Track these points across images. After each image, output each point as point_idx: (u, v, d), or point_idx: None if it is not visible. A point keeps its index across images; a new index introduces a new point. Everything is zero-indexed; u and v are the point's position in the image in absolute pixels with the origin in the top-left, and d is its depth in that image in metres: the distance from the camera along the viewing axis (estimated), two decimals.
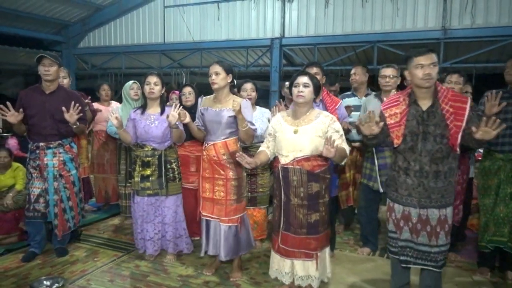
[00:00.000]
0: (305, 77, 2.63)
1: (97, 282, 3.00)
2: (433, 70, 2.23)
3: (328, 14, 7.27)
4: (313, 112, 2.68)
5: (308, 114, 2.66)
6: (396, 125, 2.38)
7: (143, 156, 3.32)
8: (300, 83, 2.61)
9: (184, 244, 3.46)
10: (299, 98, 2.61)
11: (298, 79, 2.64)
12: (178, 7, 8.15)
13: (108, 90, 4.73)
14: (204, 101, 3.10)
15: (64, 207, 3.37)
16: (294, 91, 2.64)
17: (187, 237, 3.47)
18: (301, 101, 2.62)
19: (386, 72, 3.37)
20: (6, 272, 3.14)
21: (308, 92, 2.61)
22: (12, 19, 8.06)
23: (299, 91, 2.60)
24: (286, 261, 2.73)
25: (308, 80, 2.62)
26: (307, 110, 2.67)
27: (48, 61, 3.22)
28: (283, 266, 2.75)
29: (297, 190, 2.62)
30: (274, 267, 2.83)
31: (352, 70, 4.06)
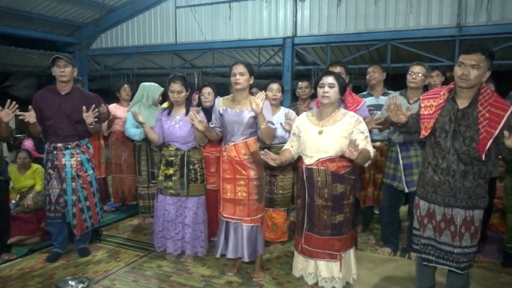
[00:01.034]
0: (330, 77, 2.61)
1: (121, 282, 3.02)
2: (473, 71, 2.16)
3: (340, 12, 7.23)
4: (338, 112, 2.66)
5: (333, 115, 2.64)
6: (428, 117, 2.36)
7: (167, 155, 3.37)
8: (326, 83, 2.59)
9: (199, 247, 3.45)
10: (325, 98, 2.59)
11: (323, 79, 2.61)
12: (190, 7, 8.15)
13: (129, 91, 4.74)
14: (222, 102, 3.08)
15: (82, 207, 3.40)
16: (319, 92, 2.62)
17: (203, 240, 3.45)
18: (326, 102, 2.60)
19: (414, 69, 3.35)
20: (31, 272, 3.18)
21: (333, 93, 2.58)
22: (25, 21, 8.12)
23: (324, 91, 2.58)
24: (309, 262, 2.73)
25: (334, 80, 2.59)
26: (332, 111, 2.65)
27: (63, 62, 3.24)
28: (307, 266, 2.75)
29: (321, 191, 2.61)
30: (298, 266, 2.83)
31: (369, 68, 4.03)
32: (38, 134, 3.42)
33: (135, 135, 4.06)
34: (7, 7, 7.41)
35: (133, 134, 4.05)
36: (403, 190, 3.38)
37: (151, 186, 4.22)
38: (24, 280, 3.03)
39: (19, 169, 4.40)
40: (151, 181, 4.21)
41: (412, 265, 3.33)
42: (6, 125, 3.22)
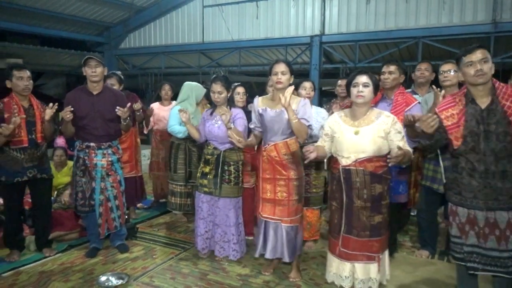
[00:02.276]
0: (364, 76, 2.57)
1: (159, 280, 3.06)
2: (485, 65, 2.14)
3: (370, 10, 7.13)
4: (372, 112, 2.63)
5: (368, 114, 2.61)
6: (455, 126, 2.27)
7: (206, 153, 3.42)
8: (360, 82, 2.55)
9: (231, 250, 3.40)
10: (359, 98, 2.55)
11: (357, 78, 2.58)
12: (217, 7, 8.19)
13: (169, 90, 4.80)
14: (261, 101, 3.06)
15: (111, 206, 3.45)
16: (353, 91, 2.58)
17: (234, 243, 3.38)
18: (360, 102, 2.56)
19: (444, 67, 3.27)
20: (72, 267, 3.25)
21: (368, 92, 2.55)
22: (57, 21, 8.33)
23: (358, 91, 2.55)
24: (346, 265, 2.69)
25: (368, 80, 2.56)
26: (366, 110, 2.62)
27: (94, 62, 3.29)
28: (342, 269, 2.71)
29: (360, 192, 2.58)
30: (331, 270, 2.78)
31: (420, 65, 3.85)
32: (71, 134, 3.43)
33: (178, 132, 4.06)
34: (41, 8, 7.61)
35: (177, 131, 4.05)
36: (443, 192, 3.29)
37: (188, 185, 4.24)
38: (66, 274, 3.11)
39: (55, 166, 4.52)
40: (188, 180, 4.22)
41: (452, 268, 3.26)
42: (49, 124, 3.30)
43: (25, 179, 3.32)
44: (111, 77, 4.15)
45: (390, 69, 3.21)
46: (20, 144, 3.24)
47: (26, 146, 3.28)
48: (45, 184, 3.49)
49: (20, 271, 3.15)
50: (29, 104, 3.33)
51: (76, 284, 2.96)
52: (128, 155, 4.25)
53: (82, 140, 3.41)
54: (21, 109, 3.25)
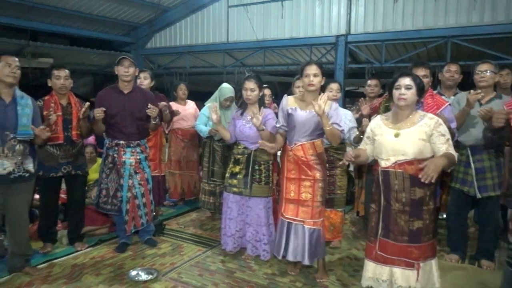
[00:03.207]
0: (408, 78, 2.50)
1: (187, 276, 3.10)
2: None
3: (397, 9, 7.01)
4: (416, 114, 2.54)
5: (410, 117, 2.53)
6: None
7: (236, 153, 3.44)
8: (402, 85, 2.48)
9: (261, 250, 3.42)
10: (401, 101, 2.48)
11: (400, 80, 2.51)
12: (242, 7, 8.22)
13: (185, 90, 4.87)
14: (290, 101, 3.06)
15: (138, 204, 3.51)
16: (395, 94, 2.51)
17: (265, 243, 3.40)
18: (403, 104, 2.49)
19: (482, 67, 3.19)
20: (103, 261, 3.34)
21: (410, 95, 2.47)
22: (86, 22, 8.54)
23: (400, 93, 2.48)
24: (384, 269, 2.59)
25: (411, 82, 2.48)
26: (409, 113, 2.54)
27: (128, 62, 3.39)
28: (380, 273, 2.61)
29: (399, 195, 2.49)
30: (367, 275, 2.68)
31: (449, 67, 3.75)
32: (101, 132, 3.54)
33: (200, 131, 4.20)
34: (71, 9, 7.82)
35: (200, 130, 4.20)
36: (473, 195, 3.23)
37: (210, 183, 4.30)
38: (97, 268, 3.20)
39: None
40: (211, 178, 4.29)
41: (483, 273, 3.20)
42: (84, 122, 3.39)
43: (60, 174, 3.43)
44: (144, 71, 4.25)
45: (425, 73, 3.13)
46: (56, 140, 3.36)
47: (61, 143, 3.39)
48: (79, 181, 3.59)
49: (54, 264, 3.26)
50: (67, 102, 3.44)
51: (107, 278, 3.04)
52: (152, 154, 4.33)
53: (112, 138, 3.49)
54: (59, 107, 3.37)
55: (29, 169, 2.98)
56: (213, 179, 4.26)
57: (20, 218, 2.99)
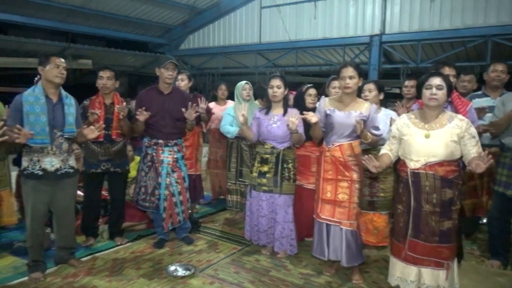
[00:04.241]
0: (438, 78, 2.49)
1: (223, 273, 3.16)
2: None
3: (434, 8, 6.84)
4: (445, 115, 2.54)
5: (440, 117, 2.52)
6: None
7: (262, 153, 3.45)
8: (433, 85, 2.47)
9: (288, 245, 3.46)
10: (432, 101, 2.47)
11: (430, 80, 2.49)
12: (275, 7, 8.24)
13: (225, 90, 4.94)
14: (328, 102, 3.07)
15: (175, 201, 3.59)
16: (426, 94, 2.50)
17: (292, 239, 3.46)
18: (433, 104, 2.48)
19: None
20: (142, 256, 3.46)
21: (441, 95, 2.46)
22: (123, 24, 8.81)
23: (431, 93, 2.47)
24: (412, 269, 2.61)
25: (442, 82, 2.47)
26: (438, 113, 2.53)
27: (172, 65, 3.50)
28: (407, 274, 2.63)
29: (430, 197, 2.50)
30: (395, 274, 2.71)
31: (495, 66, 3.62)
32: (141, 131, 3.62)
33: (227, 132, 4.25)
34: (109, 12, 8.09)
35: (227, 131, 4.25)
36: None
37: (239, 183, 4.36)
38: (137, 262, 3.31)
39: None
40: (239, 178, 4.34)
41: None
42: (125, 122, 3.52)
43: (99, 171, 3.57)
44: (182, 73, 4.36)
45: (452, 73, 3.06)
46: (97, 138, 3.47)
47: (102, 141, 3.53)
48: (119, 178, 3.73)
49: (96, 257, 3.40)
50: (111, 102, 3.58)
51: (147, 272, 3.14)
52: (189, 153, 4.42)
53: (151, 137, 3.60)
54: (102, 107, 3.51)
55: (73, 165, 3.12)
56: (241, 179, 4.31)
57: (67, 212, 3.13)
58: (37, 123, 2.82)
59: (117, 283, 2.95)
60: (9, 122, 2.86)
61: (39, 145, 2.86)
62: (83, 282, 2.95)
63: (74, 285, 2.91)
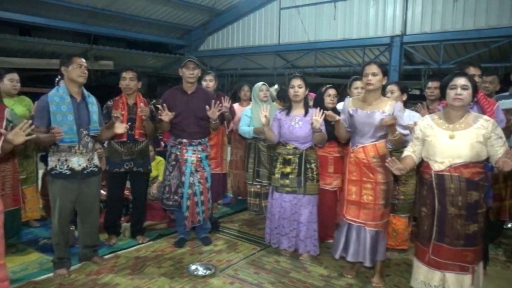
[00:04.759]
0: (463, 78, 2.45)
1: (244, 273, 3.17)
2: None
3: (457, 8, 6.73)
4: (470, 115, 2.48)
5: (465, 118, 2.47)
6: None
7: (284, 154, 3.44)
8: (458, 85, 2.43)
9: (312, 245, 3.46)
10: (457, 101, 2.43)
11: (455, 80, 2.45)
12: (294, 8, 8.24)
13: (248, 91, 4.96)
14: (352, 102, 3.06)
15: (197, 201, 3.62)
16: (450, 94, 2.46)
17: (315, 239, 3.46)
18: (458, 105, 2.43)
19: None
20: (163, 254, 3.50)
21: (466, 95, 2.42)
22: (144, 26, 8.95)
23: (456, 93, 2.42)
24: (435, 273, 2.56)
25: (467, 82, 2.43)
26: (463, 114, 2.48)
27: (193, 64, 3.51)
28: (431, 278, 2.58)
29: (455, 199, 2.45)
30: (419, 278, 2.66)
31: None
32: (166, 131, 3.71)
33: (245, 132, 4.29)
34: (130, 14, 8.22)
35: (243, 131, 4.28)
36: None
37: (255, 184, 4.37)
38: (159, 261, 3.35)
39: None
40: (256, 179, 4.35)
41: None
42: (147, 122, 3.56)
43: (122, 170, 3.63)
44: (209, 74, 4.40)
45: (477, 73, 3.01)
46: (120, 138, 3.56)
47: (125, 141, 3.59)
48: (142, 178, 3.78)
49: (118, 255, 3.45)
50: (133, 102, 3.63)
51: (168, 271, 3.17)
52: (214, 152, 4.45)
53: (175, 136, 3.64)
54: (125, 107, 3.57)
55: (97, 164, 3.17)
56: (258, 180, 4.32)
57: (91, 210, 3.19)
58: (65, 123, 2.88)
59: (139, 281, 3.00)
60: (36, 122, 2.93)
61: (67, 144, 2.93)
62: (106, 279, 3.01)
63: (97, 282, 2.96)
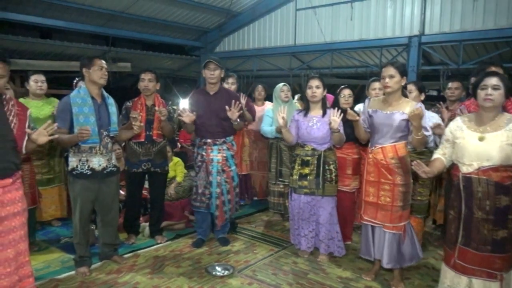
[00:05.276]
0: (495, 78, 2.37)
1: (262, 274, 3.18)
2: None
3: (477, 7, 6.58)
4: (502, 117, 2.41)
5: (496, 120, 2.40)
6: None
7: (303, 155, 3.43)
8: (489, 85, 2.36)
9: (335, 247, 3.45)
10: (488, 102, 2.36)
11: (486, 80, 2.38)
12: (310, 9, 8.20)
13: (262, 91, 4.98)
14: (372, 103, 3.05)
15: (224, 200, 3.64)
16: (481, 94, 2.39)
17: (339, 240, 3.45)
18: (489, 105, 2.37)
19: None
20: (181, 254, 3.53)
21: (498, 95, 2.34)
22: (161, 28, 9.02)
23: (487, 94, 2.35)
24: (462, 278, 2.49)
25: (498, 82, 2.35)
26: (494, 115, 2.41)
27: (213, 65, 3.53)
28: (457, 283, 2.51)
29: (482, 203, 2.38)
30: (445, 282, 2.59)
31: None
32: (191, 131, 3.78)
33: (265, 132, 4.33)
34: (148, 16, 8.31)
35: (265, 131, 4.30)
36: None
37: (278, 183, 4.38)
38: (177, 261, 3.38)
39: None
40: (279, 178, 4.37)
41: None
42: (166, 123, 3.60)
43: (140, 170, 3.68)
44: (231, 76, 4.47)
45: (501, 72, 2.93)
46: (139, 138, 3.61)
47: (143, 141, 3.63)
48: (160, 178, 3.82)
49: (138, 254, 3.50)
50: (152, 103, 3.67)
51: (186, 270, 3.20)
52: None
53: (200, 137, 3.67)
54: (143, 108, 3.61)
55: (116, 164, 3.22)
56: (281, 179, 4.35)
57: (111, 209, 3.24)
58: (87, 124, 2.93)
59: (158, 280, 3.03)
60: (58, 123, 2.98)
61: (89, 145, 2.98)
62: (126, 278, 3.05)
63: (117, 280, 3.01)
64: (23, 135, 2.38)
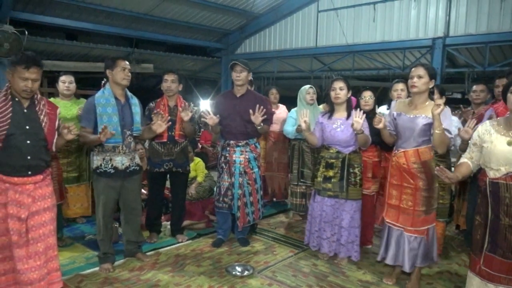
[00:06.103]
0: None
1: (281, 275, 3.18)
2: None
3: (505, 8, 6.42)
4: None
5: None
6: None
7: (327, 157, 3.41)
8: None
9: (353, 251, 3.43)
10: None
11: None
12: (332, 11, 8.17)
13: (277, 94, 5.01)
14: (397, 105, 3.01)
15: (246, 202, 3.66)
16: (510, 98, 2.34)
17: (357, 245, 3.43)
18: None
19: None
20: (202, 254, 3.57)
21: None
22: (183, 30, 9.15)
23: None
24: (488, 286, 2.42)
25: None
26: None
27: (239, 67, 3.56)
28: None
29: (510, 209, 2.31)
30: None
31: None
32: (217, 133, 3.80)
33: (288, 133, 4.35)
34: (171, 18, 8.44)
35: (287, 132, 4.36)
36: None
37: (300, 184, 4.39)
38: (198, 260, 3.42)
39: None
40: (300, 179, 4.38)
41: None
42: (187, 124, 3.65)
43: (162, 170, 3.74)
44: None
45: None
46: (161, 139, 3.67)
47: (165, 141, 3.69)
48: (181, 178, 3.87)
49: (159, 252, 3.56)
50: (174, 104, 3.74)
51: (207, 270, 3.23)
52: None
53: (224, 138, 3.72)
54: (166, 109, 3.67)
55: (138, 163, 3.28)
56: (303, 180, 4.36)
57: (134, 207, 3.31)
58: (110, 124, 3.00)
59: (179, 278, 3.07)
60: (83, 123, 3.09)
61: (112, 144, 3.06)
62: (148, 275, 3.11)
63: (140, 277, 3.07)
64: (53, 133, 2.47)
